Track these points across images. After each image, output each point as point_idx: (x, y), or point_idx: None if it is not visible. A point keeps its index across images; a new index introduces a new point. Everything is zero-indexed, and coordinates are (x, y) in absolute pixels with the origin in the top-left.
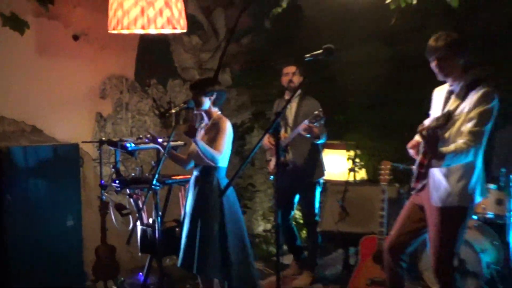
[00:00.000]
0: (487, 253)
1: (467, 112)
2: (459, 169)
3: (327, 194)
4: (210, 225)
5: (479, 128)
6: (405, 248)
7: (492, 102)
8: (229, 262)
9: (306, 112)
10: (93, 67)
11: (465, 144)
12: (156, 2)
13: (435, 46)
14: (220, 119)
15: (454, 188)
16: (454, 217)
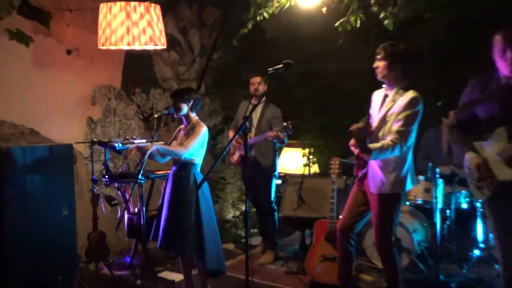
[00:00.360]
0: (418, 233)
1: (397, 114)
2: (392, 162)
3: (286, 186)
4: (188, 213)
5: (405, 128)
6: (354, 229)
7: (417, 107)
8: (204, 244)
9: (269, 118)
10: (84, 78)
11: (392, 141)
12: (140, 22)
13: (382, 50)
14: (197, 123)
15: (388, 178)
16: (389, 202)
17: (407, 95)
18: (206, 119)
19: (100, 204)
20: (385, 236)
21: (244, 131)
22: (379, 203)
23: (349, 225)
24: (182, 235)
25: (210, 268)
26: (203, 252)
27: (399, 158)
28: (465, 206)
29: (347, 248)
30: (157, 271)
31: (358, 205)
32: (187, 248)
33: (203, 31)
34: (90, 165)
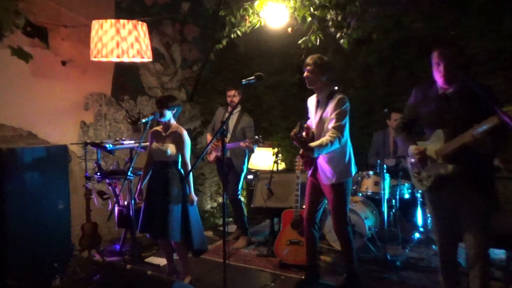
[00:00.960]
0: (369, 219)
1: (330, 115)
2: (336, 156)
3: (257, 180)
4: (177, 202)
5: (339, 123)
6: (316, 215)
7: (345, 105)
8: (190, 228)
9: (243, 127)
10: (77, 86)
11: (330, 137)
12: (128, 38)
13: (308, 62)
14: (178, 128)
15: (335, 170)
16: (339, 190)
17: (335, 98)
18: (187, 122)
19: (93, 198)
20: (342, 219)
21: (222, 135)
22: (332, 192)
23: (312, 213)
24: (173, 223)
25: (197, 248)
26: (190, 236)
27: (341, 152)
28: (407, 196)
29: (312, 233)
30: (144, 256)
31: (315, 195)
32: (176, 233)
33: (184, 46)
34: (83, 164)
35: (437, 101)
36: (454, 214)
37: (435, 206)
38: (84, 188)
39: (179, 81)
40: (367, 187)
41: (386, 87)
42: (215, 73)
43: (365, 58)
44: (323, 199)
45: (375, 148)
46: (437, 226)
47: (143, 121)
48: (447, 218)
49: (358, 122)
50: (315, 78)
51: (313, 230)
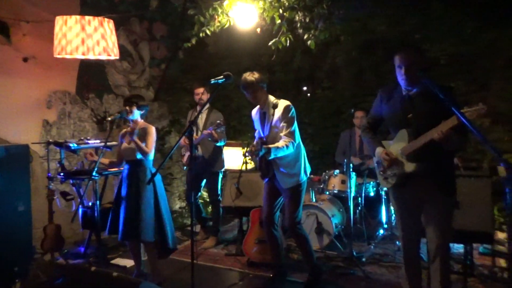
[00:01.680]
0: (336, 217)
1: (279, 124)
2: (291, 161)
3: (226, 180)
4: (148, 202)
5: (289, 130)
6: (274, 216)
7: (291, 111)
8: (164, 227)
9: (213, 122)
10: (40, 84)
11: (284, 142)
12: (94, 35)
13: (247, 83)
14: (146, 125)
15: (292, 174)
16: (295, 192)
17: (280, 106)
18: (155, 121)
19: (56, 199)
20: (296, 217)
21: (190, 135)
22: (290, 194)
23: (271, 215)
24: (145, 222)
25: (173, 247)
26: (165, 235)
27: (295, 156)
28: (372, 194)
29: (272, 233)
30: (110, 258)
31: (273, 198)
32: (150, 232)
33: (152, 44)
34: (45, 164)
35: (401, 102)
36: (417, 210)
37: (399, 203)
38: (47, 189)
39: (147, 79)
40: (334, 186)
41: (353, 88)
42: (184, 72)
43: (333, 59)
44: (279, 200)
45: (342, 147)
46: (401, 223)
47: (108, 119)
48: (410, 215)
49: (325, 122)
50: (259, 96)
51: (273, 230)
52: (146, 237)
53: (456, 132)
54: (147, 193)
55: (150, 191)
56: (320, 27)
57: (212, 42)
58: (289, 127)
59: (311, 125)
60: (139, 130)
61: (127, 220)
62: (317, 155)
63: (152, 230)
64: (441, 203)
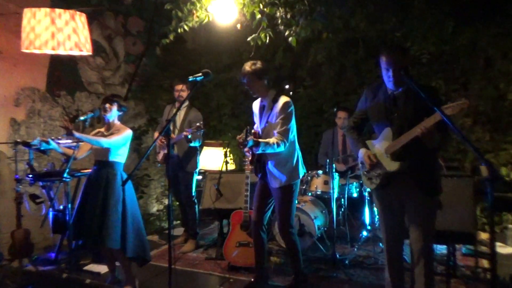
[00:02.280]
0: (318, 219)
1: (276, 119)
2: (283, 159)
3: (206, 181)
4: (116, 207)
5: (284, 128)
6: (264, 218)
7: (289, 109)
8: (126, 234)
9: (191, 121)
10: (7, 80)
11: (277, 139)
12: (65, 28)
13: (243, 73)
14: (122, 127)
15: (283, 173)
16: (286, 193)
17: (280, 102)
18: (131, 120)
19: (24, 202)
20: (288, 220)
21: (167, 132)
22: (280, 195)
23: (260, 215)
24: (112, 228)
25: (131, 256)
26: (125, 242)
27: (288, 155)
28: (355, 195)
29: (260, 235)
30: (83, 264)
31: (264, 197)
32: (115, 240)
33: (128, 39)
34: (13, 165)
35: (385, 101)
36: (400, 212)
37: (383, 203)
38: (14, 191)
39: (122, 76)
40: (316, 187)
41: (335, 87)
42: (161, 68)
43: (314, 56)
44: (271, 200)
45: (324, 147)
46: (384, 224)
47: (81, 118)
48: (393, 216)
49: (307, 121)
50: (256, 86)
51: (261, 232)
52: (111, 243)
53: (438, 130)
54: (115, 197)
55: (119, 195)
56: (301, 24)
57: (191, 38)
58: (284, 125)
59: None
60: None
61: (92, 225)
62: None
63: (118, 237)
64: (424, 203)
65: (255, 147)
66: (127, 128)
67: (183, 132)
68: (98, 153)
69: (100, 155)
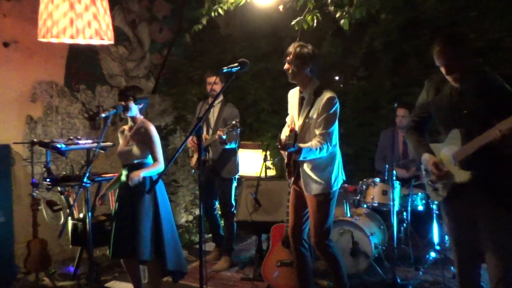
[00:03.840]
0: (375, 236)
1: (316, 118)
2: (321, 164)
3: (242, 188)
4: (147, 215)
5: (326, 130)
6: (303, 231)
7: (334, 107)
8: (164, 245)
9: (226, 118)
10: (23, 73)
11: (318, 143)
12: (85, 14)
13: (287, 51)
14: (144, 122)
15: (320, 178)
16: (323, 201)
17: (323, 96)
18: (156, 118)
19: (41, 209)
20: (322, 232)
21: (198, 133)
22: (315, 204)
23: (298, 228)
24: (143, 237)
25: (171, 269)
26: (163, 254)
27: (327, 160)
28: (421, 208)
29: (301, 252)
30: (104, 280)
31: (300, 207)
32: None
33: (154, 26)
34: (29, 168)
35: (451, 96)
36: (473, 229)
37: (452, 220)
38: (30, 197)
39: (147, 68)
40: (373, 197)
41: (394, 77)
42: (190, 59)
43: (370, 42)
44: (308, 211)
45: (382, 150)
46: (455, 244)
47: (102, 116)
48: (466, 234)
49: (360, 118)
50: (296, 71)
51: (301, 249)
52: (141, 255)
53: None
54: (146, 203)
55: (149, 200)
56: (355, 3)
57: (224, 23)
58: (328, 126)
59: (343, 122)
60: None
61: (120, 234)
62: (352, 160)
63: (148, 247)
64: (502, 221)
65: (297, 154)
66: (150, 124)
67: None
68: (122, 156)
69: (125, 158)
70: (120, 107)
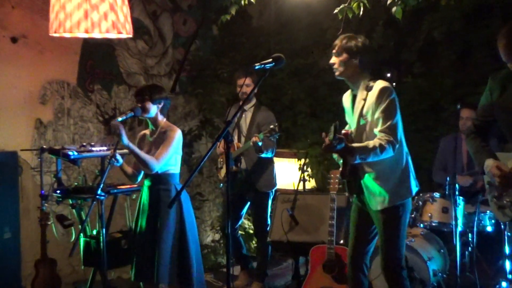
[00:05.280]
0: (434, 261)
1: (372, 114)
2: (386, 170)
3: (276, 203)
4: (170, 232)
5: (389, 122)
6: (366, 255)
7: (390, 96)
8: (190, 269)
9: (260, 124)
10: (32, 71)
11: (379, 140)
12: (101, 5)
13: (334, 44)
14: (169, 127)
15: (386, 188)
16: (392, 217)
17: (375, 88)
18: (180, 122)
19: (50, 224)
20: (395, 258)
21: (226, 139)
22: (382, 220)
23: (360, 251)
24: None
25: None
26: (188, 279)
27: (394, 163)
28: (490, 229)
29: (360, 280)
30: None
31: (363, 226)
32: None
33: (177, 17)
34: (38, 177)
35: None
36: None
37: None
38: (39, 210)
39: (170, 64)
40: (431, 216)
41: (457, 74)
42: (218, 54)
43: (428, 33)
44: (374, 230)
45: (443, 160)
46: None
47: (119, 119)
48: None
49: (416, 122)
50: (345, 65)
51: (361, 276)
52: (160, 278)
53: None
54: (170, 220)
55: (173, 216)
56: None
57: (257, 13)
58: (389, 118)
59: None
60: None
61: (142, 254)
62: None
63: (167, 270)
64: None
65: (349, 155)
66: (176, 129)
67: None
68: None
69: None
70: (139, 109)
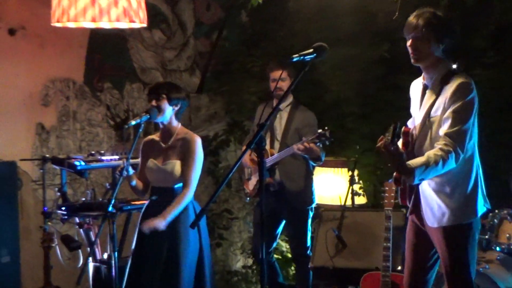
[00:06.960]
0: None
1: (442, 112)
2: (450, 181)
3: (320, 222)
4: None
5: (458, 128)
6: (426, 283)
7: (469, 95)
8: None
9: (299, 127)
10: (32, 68)
11: (441, 150)
12: None
13: (414, 24)
14: (187, 134)
15: (449, 203)
16: (456, 237)
17: (453, 82)
18: (203, 125)
19: (54, 247)
20: (459, 285)
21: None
22: (443, 241)
23: (418, 280)
24: None
25: None
26: None
27: (459, 174)
28: None
29: None
30: None
31: (422, 248)
32: None
33: (199, 2)
34: (40, 192)
35: None
36: None
37: None
38: (41, 230)
39: (191, 58)
40: (509, 237)
41: None
42: (248, 45)
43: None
44: (435, 253)
45: None
46: None
47: (132, 123)
48: None
49: (488, 123)
50: (426, 50)
51: None
52: None
53: None
54: (191, 245)
55: (195, 241)
56: None
57: None
58: (459, 122)
59: None
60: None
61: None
62: None
63: None
64: None
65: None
66: (194, 136)
67: (291, 145)
68: (156, 177)
69: (160, 179)
70: (155, 111)
